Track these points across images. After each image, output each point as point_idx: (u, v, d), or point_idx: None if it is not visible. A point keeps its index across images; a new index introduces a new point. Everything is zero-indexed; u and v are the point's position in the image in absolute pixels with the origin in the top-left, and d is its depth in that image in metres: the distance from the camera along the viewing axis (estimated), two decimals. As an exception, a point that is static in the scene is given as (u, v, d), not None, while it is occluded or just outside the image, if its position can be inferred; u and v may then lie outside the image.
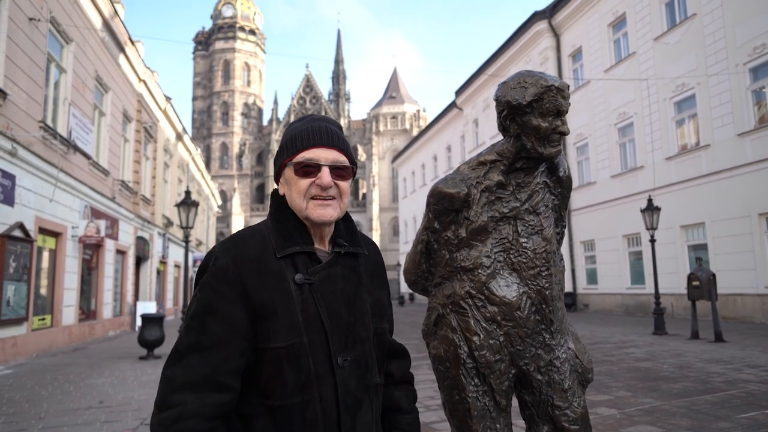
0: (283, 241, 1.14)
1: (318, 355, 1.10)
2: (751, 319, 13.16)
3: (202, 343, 1.05)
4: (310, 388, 1.09)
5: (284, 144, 1.20)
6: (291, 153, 1.18)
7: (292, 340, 1.08)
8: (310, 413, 1.08)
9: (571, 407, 1.63)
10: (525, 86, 1.56)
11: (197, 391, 1.02)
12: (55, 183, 10.74)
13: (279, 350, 1.07)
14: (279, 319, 1.08)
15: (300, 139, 1.18)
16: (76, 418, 5.10)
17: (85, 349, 11.28)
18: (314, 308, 1.11)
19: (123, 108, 15.86)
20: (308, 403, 1.08)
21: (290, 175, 1.18)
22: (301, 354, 1.08)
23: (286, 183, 1.19)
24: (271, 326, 1.08)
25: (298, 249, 1.14)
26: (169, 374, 1.05)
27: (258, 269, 1.09)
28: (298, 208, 1.17)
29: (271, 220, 1.20)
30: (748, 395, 5.31)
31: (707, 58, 14.66)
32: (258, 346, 1.08)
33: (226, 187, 68.77)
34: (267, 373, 1.08)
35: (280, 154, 1.21)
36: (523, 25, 23.34)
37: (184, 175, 26.41)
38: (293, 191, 1.17)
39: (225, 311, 1.06)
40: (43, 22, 10.27)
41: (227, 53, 72.22)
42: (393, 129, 65.49)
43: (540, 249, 1.66)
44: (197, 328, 1.06)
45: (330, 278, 1.16)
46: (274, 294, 1.09)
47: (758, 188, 13.04)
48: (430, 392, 5.85)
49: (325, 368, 1.11)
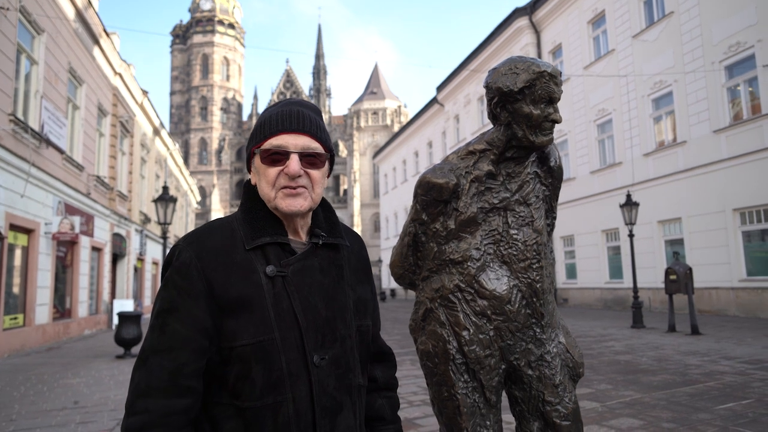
0: (253, 231, 1.08)
1: (291, 353, 1.03)
2: (726, 312, 13.46)
3: (163, 344, 1.00)
4: (283, 389, 1.02)
5: (254, 130, 1.13)
6: (259, 140, 1.10)
7: (262, 336, 1.01)
8: (282, 415, 1.01)
9: (562, 402, 1.60)
10: (516, 72, 1.51)
11: (159, 398, 0.98)
12: (27, 178, 10.42)
13: (246, 348, 1.00)
14: (248, 315, 1.01)
15: (269, 124, 1.10)
16: (50, 419, 4.94)
17: (59, 348, 11.00)
18: (287, 302, 1.04)
19: (98, 102, 15.47)
20: (281, 404, 1.01)
21: (258, 163, 1.10)
22: (272, 351, 1.01)
23: (256, 172, 1.12)
24: (239, 323, 1.01)
25: (269, 240, 1.07)
26: (135, 378, 1.01)
27: (224, 262, 1.03)
28: (267, 198, 1.10)
29: (240, 211, 1.13)
30: (725, 386, 5.40)
31: (684, 56, 14.89)
32: (224, 344, 1.02)
33: (205, 183, 67.88)
34: (235, 373, 1.01)
35: (249, 141, 1.14)
36: (504, 21, 23.45)
37: (161, 171, 25.95)
38: (262, 181, 1.10)
39: (186, 309, 1.01)
40: (13, 11, 9.92)
41: (206, 47, 71.14)
42: (374, 125, 65.33)
43: (531, 241, 1.62)
44: (159, 328, 1.02)
45: (305, 270, 1.09)
46: (243, 288, 1.02)
47: (732, 184, 13.32)
48: (414, 388, 5.83)
49: (299, 367, 1.03)
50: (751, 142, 12.90)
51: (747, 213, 13.21)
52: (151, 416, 0.97)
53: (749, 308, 12.88)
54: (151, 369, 1.00)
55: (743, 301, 13.07)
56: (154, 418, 0.97)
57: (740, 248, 13.28)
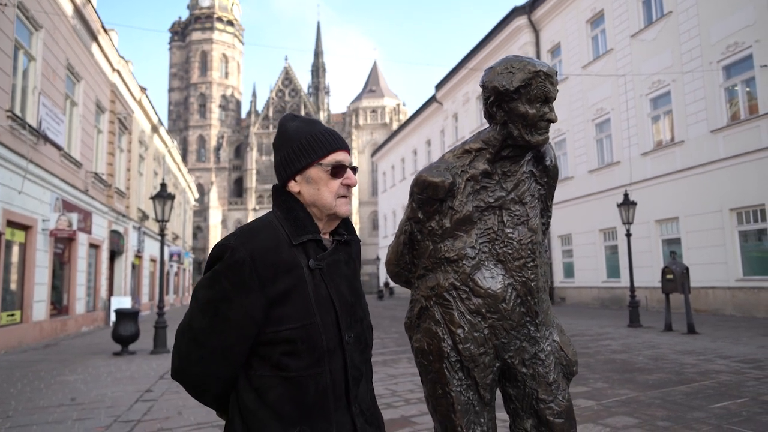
0: (297, 229, 1.23)
1: (329, 333, 1.20)
2: (722, 311, 13.50)
3: (216, 326, 1.16)
4: (323, 362, 1.19)
5: (306, 145, 1.27)
6: (321, 155, 1.26)
7: (306, 320, 1.17)
8: (321, 383, 1.18)
9: (555, 400, 1.61)
10: (512, 71, 1.52)
11: (209, 365, 1.18)
12: (25, 174, 10.40)
13: (293, 330, 1.16)
14: (293, 303, 1.18)
15: (327, 142, 1.27)
16: (47, 416, 4.95)
17: (56, 345, 10.99)
18: (325, 291, 1.22)
19: (96, 98, 15.44)
20: (320, 375, 1.18)
21: (319, 175, 1.26)
22: (314, 332, 1.18)
23: (310, 182, 1.26)
24: (285, 311, 1.17)
25: (311, 237, 1.24)
26: (182, 349, 1.19)
27: (272, 260, 1.17)
28: (327, 205, 1.26)
29: (280, 211, 1.27)
30: (720, 385, 5.43)
31: (682, 56, 14.91)
32: (270, 329, 1.17)
33: (204, 180, 67.74)
34: (281, 351, 1.17)
35: (301, 154, 1.27)
36: (503, 20, 23.44)
37: (159, 168, 25.91)
38: (323, 190, 1.26)
39: (238, 301, 1.15)
40: (10, 7, 9.89)
41: (204, 44, 70.94)
42: (373, 123, 65.30)
43: (526, 240, 1.62)
44: (213, 313, 1.16)
45: (335, 263, 1.28)
46: (289, 281, 1.18)
47: (730, 184, 13.35)
48: (410, 386, 5.85)
49: (335, 344, 1.21)
50: (748, 142, 12.93)
51: (744, 213, 13.25)
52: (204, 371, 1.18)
53: (745, 308, 12.92)
54: (202, 344, 1.17)
55: (739, 300, 13.11)
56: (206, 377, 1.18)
57: (737, 248, 13.32)
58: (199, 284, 1.22)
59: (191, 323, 1.19)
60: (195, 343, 1.18)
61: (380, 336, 11.32)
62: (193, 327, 1.18)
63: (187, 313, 1.22)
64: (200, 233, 64.02)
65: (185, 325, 1.20)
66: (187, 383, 1.21)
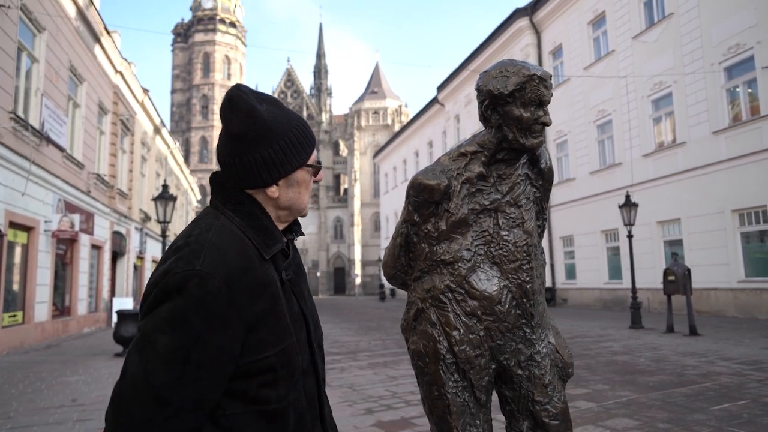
0: (266, 239, 1.05)
1: (303, 351, 1.07)
2: (724, 312, 13.47)
3: (187, 376, 0.91)
4: (299, 385, 1.06)
5: (296, 142, 1.07)
6: (308, 153, 1.09)
7: (284, 343, 1.02)
8: (299, 408, 1.05)
9: (551, 402, 1.62)
10: (507, 75, 1.53)
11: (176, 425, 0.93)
12: (27, 176, 10.44)
13: (272, 357, 1.00)
14: (270, 326, 1.00)
15: (311, 136, 1.11)
16: (47, 417, 4.96)
17: (58, 346, 11.02)
18: (297, 305, 1.09)
19: (98, 100, 15.48)
20: (298, 399, 1.05)
21: (304, 176, 1.10)
22: (292, 355, 1.03)
23: (293, 185, 1.08)
24: (262, 336, 0.99)
25: (280, 246, 1.07)
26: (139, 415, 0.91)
27: (248, 282, 0.98)
28: (303, 207, 1.11)
29: (239, 217, 1.05)
30: (722, 387, 5.42)
31: (684, 57, 14.90)
32: (246, 359, 0.98)
33: (206, 181, 67.60)
34: (259, 382, 0.99)
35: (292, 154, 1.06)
36: (505, 22, 23.46)
37: (162, 169, 25.96)
38: (303, 192, 1.10)
39: (214, 340, 0.93)
40: (14, 9, 9.94)
41: (207, 46, 71.13)
42: (375, 124, 65.31)
43: (521, 242, 1.63)
44: (181, 363, 0.91)
45: (297, 268, 1.14)
46: (265, 302, 1.00)
47: (731, 185, 13.33)
48: (411, 387, 5.85)
49: (308, 362, 1.09)
50: (750, 144, 12.91)
51: (746, 214, 13.22)
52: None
53: (747, 309, 12.89)
54: (167, 402, 0.91)
55: (741, 302, 13.08)
56: None
57: (739, 249, 13.29)
58: (152, 326, 0.93)
59: (149, 379, 0.90)
60: (157, 402, 0.90)
61: (381, 337, 11.33)
62: (152, 384, 0.90)
63: (138, 365, 0.92)
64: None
65: (139, 382, 0.91)
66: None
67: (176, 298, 0.92)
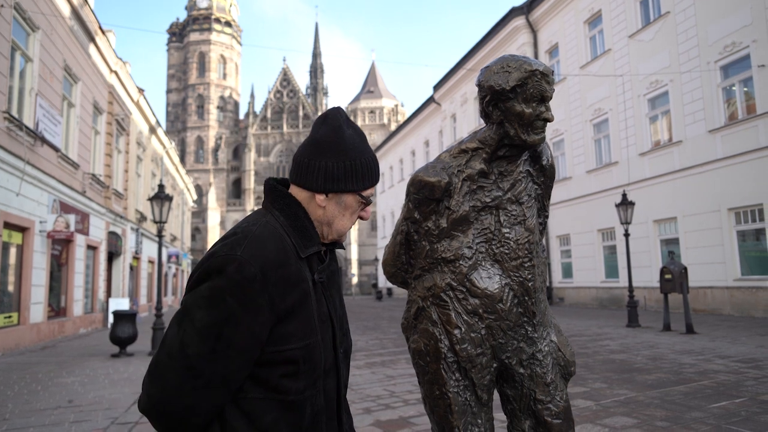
0: (304, 240, 1.14)
1: (327, 352, 1.15)
2: (720, 311, 13.51)
3: (218, 352, 1.01)
4: (319, 383, 1.12)
5: (360, 170, 1.17)
6: (366, 186, 1.19)
7: (309, 339, 1.09)
8: (317, 405, 1.12)
9: (553, 401, 1.60)
10: (509, 71, 1.51)
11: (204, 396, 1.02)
12: (22, 176, 10.38)
13: (295, 351, 1.07)
14: (298, 321, 1.09)
15: (375, 174, 1.20)
16: (44, 418, 4.92)
17: (54, 347, 10.96)
18: (326, 306, 1.16)
19: (93, 99, 15.40)
20: (316, 396, 1.12)
21: (353, 203, 1.19)
22: (315, 352, 1.10)
23: (341, 205, 1.18)
24: (289, 329, 1.07)
25: (317, 249, 1.16)
26: (173, 381, 1.01)
27: (282, 275, 1.06)
28: (342, 231, 1.20)
29: (283, 216, 1.15)
30: (719, 385, 5.43)
31: (680, 56, 14.93)
32: (271, 348, 1.06)
33: (202, 181, 67.68)
34: (281, 372, 1.07)
35: (353, 177, 1.16)
36: (501, 21, 23.46)
37: (157, 169, 25.87)
38: (347, 217, 1.19)
39: (245, 323, 1.02)
40: (7, 8, 9.87)
41: (202, 45, 70.90)
42: (371, 123, 65.29)
43: (522, 240, 1.62)
44: (214, 338, 1.01)
45: (331, 275, 1.22)
46: (296, 297, 1.08)
47: (727, 184, 13.37)
48: (409, 386, 5.83)
49: (331, 363, 1.16)
50: (746, 142, 12.95)
51: (742, 212, 13.26)
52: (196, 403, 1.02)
53: (743, 307, 12.93)
54: (199, 373, 1.01)
55: (738, 300, 13.13)
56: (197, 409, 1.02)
57: (735, 248, 13.33)
58: (192, 301, 1.04)
59: (185, 349, 1.01)
60: (190, 371, 1.00)
61: (379, 337, 11.31)
62: (187, 353, 1.00)
63: (174, 336, 1.03)
64: (198, 234, 63.97)
65: (175, 351, 1.01)
66: (169, 417, 1.02)
67: (216, 278, 1.02)
